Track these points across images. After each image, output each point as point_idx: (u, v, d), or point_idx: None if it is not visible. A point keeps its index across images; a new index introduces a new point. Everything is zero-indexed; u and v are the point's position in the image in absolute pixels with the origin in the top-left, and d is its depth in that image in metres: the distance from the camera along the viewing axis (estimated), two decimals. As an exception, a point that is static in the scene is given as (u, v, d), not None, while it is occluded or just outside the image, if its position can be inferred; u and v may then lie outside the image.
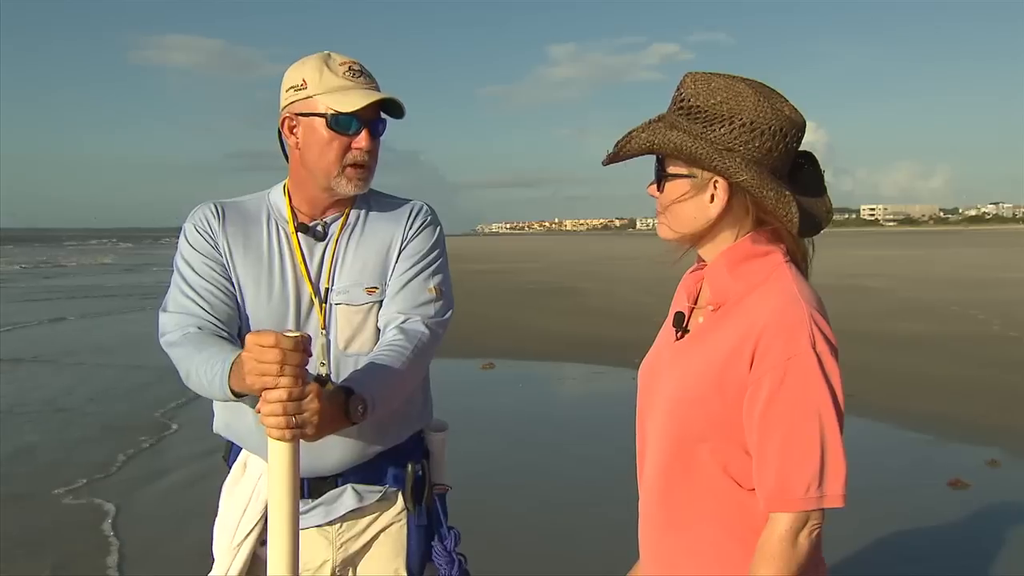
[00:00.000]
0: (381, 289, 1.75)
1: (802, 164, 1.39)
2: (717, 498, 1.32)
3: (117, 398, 7.64)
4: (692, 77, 1.33)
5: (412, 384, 1.72)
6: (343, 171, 1.70)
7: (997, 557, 3.90)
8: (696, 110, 1.31)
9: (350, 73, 1.69)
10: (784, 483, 1.23)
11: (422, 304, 1.74)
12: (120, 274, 28.83)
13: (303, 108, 1.69)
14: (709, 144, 1.29)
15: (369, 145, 1.70)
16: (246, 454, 1.78)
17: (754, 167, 1.29)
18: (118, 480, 5.18)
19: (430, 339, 1.71)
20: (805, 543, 1.23)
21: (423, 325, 1.71)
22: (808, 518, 1.23)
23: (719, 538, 1.32)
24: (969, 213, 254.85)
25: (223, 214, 1.76)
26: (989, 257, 30.26)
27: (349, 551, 1.79)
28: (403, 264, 1.76)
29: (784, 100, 1.33)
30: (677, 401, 1.35)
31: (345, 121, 1.67)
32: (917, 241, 57.71)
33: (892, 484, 4.86)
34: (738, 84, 1.31)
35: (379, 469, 1.77)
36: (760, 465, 1.26)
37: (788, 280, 1.31)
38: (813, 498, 1.22)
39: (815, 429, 1.22)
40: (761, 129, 1.29)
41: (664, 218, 1.39)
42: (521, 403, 7.50)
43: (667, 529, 1.39)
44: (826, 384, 1.23)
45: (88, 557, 3.98)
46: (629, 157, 1.37)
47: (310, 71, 1.69)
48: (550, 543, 4.06)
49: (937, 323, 11.57)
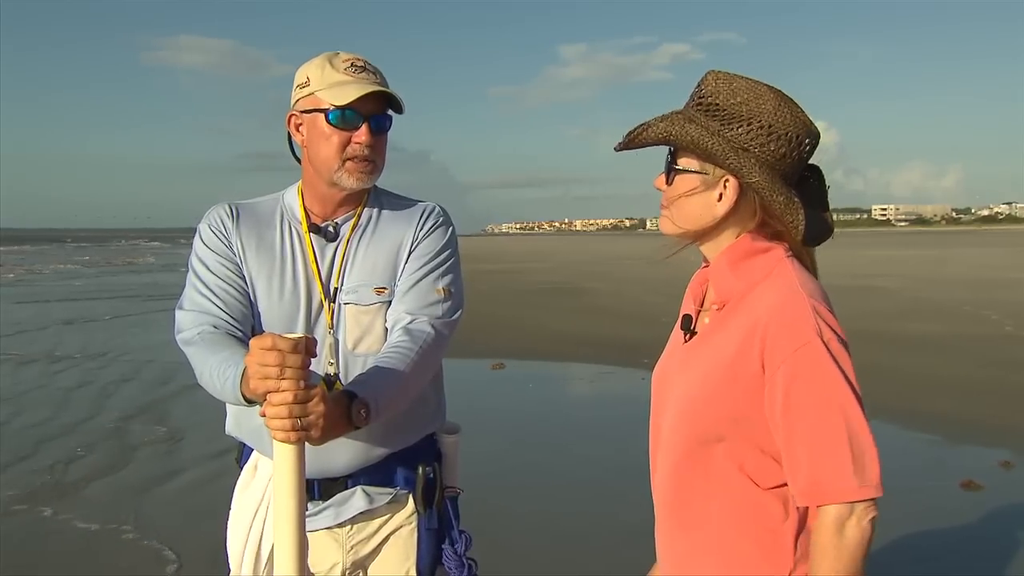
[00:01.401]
0: (390, 289, 1.75)
1: (808, 177, 1.39)
2: (732, 498, 1.31)
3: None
4: (715, 75, 1.34)
5: (418, 386, 1.71)
6: (343, 165, 1.70)
7: (1010, 559, 3.88)
8: (716, 108, 1.32)
9: (352, 69, 1.70)
10: (817, 476, 1.21)
11: (430, 304, 1.73)
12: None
13: (307, 105, 1.71)
14: (725, 142, 1.29)
15: (369, 139, 1.70)
16: (257, 455, 1.79)
17: (767, 170, 1.29)
18: (130, 478, 5.21)
19: (436, 340, 1.70)
20: (855, 533, 1.20)
21: (429, 326, 1.70)
22: (852, 509, 1.20)
23: (734, 538, 1.32)
24: (982, 213, 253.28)
25: (237, 215, 1.77)
26: (1002, 257, 30.05)
27: (359, 554, 1.79)
28: (412, 264, 1.76)
29: (802, 110, 1.33)
30: (689, 401, 1.35)
31: (346, 115, 1.67)
32: (929, 241, 57.40)
33: (904, 485, 4.83)
34: (760, 87, 1.32)
35: (390, 471, 1.77)
36: (790, 461, 1.25)
37: (790, 274, 1.31)
38: (852, 488, 1.20)
39: (839, 418, 1.21)
40: (779, 134, 1.29)
41: (668, 212, 1.39)
42: (531, 403, 7.50)
43: (682, 529, 1.39)
44: (838, 370, 1.22)
45: (100, 557, 4.01)
46: (644, 145, 1.37)
47: (314, 69, 1.71)
48: (560, 545, 4.05)
49: (949, 323, 11.50)
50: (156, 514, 4.60)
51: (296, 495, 1.40)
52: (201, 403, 6.81)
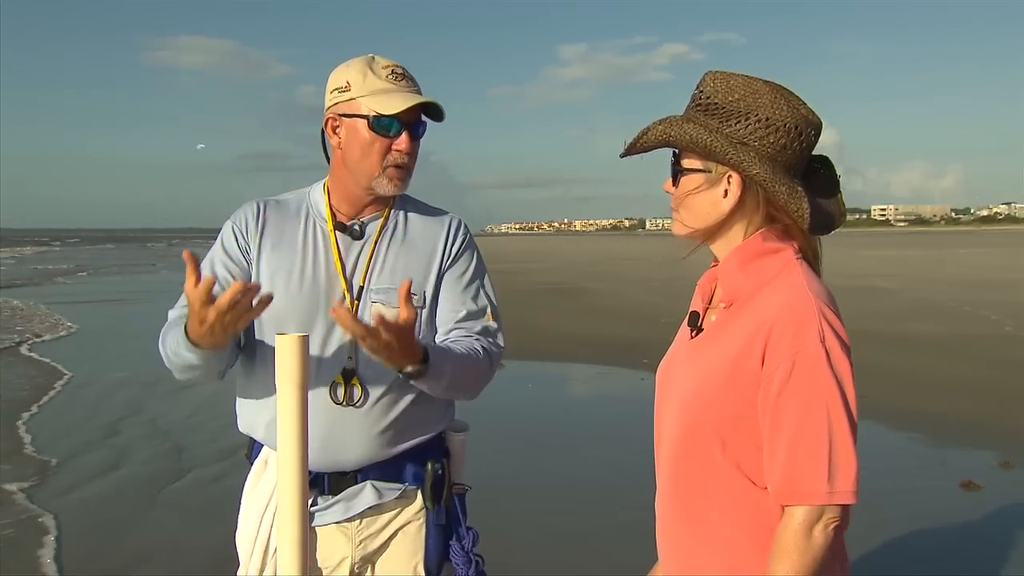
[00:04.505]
0: (419, 296, 1.78)
1: (818, 168, 1.40)
2: (730, 495, 1.32)
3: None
4: (713, 76, 1.36)
5: (468, 383, 1.77)
6: (384, 171, 1.74)
7: (1010, 559, 3.89)
8: (714, 107, 1.33)
9: (393, 76, 1.73)
10: (792, 476, 1.24)
11: (484, 332, 1.82)
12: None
13: (346, 110, 1.73)
14: (724, 138, 1.31)
15: (409, 147, 1.74)
16: (267, 451, 1.80)
17: (768, 162, 1.30)
18: (137, 476, 5.22)
19: (495, 357, 1.82)
20: (820, 538, 1.23)
21: (493, 346, 1.82)
22: (822, 512, 1.23)
23: (732, 535, 1.33)
24: (981, 213, 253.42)
25: (264, 213, 1.81)
26: (1001, 257, 30.07)
27: (368, 548, 1.80)
28: (455, 287, 1.83)
29: (801, 101, 1.35)
30: (690, 397, 1.36)
31: (387, 123, 1.70)
32: (928, 241, 57.42)
33: (903, 485, 4.85)
34: (756, 83, 1.33)
35: (399, 467, 1.79)
36: (770, 458, 1.27)
37: (799, 276, 1.32)
38: (822, 492, 1.22)
39: (823, 423, 1.22)
40: (776, 126, 1.31)
41: (678, 213, 1.41)
42: (530, 403, 7.50)
43: (681, 525, 1.40)
44: (834, 378, 1.23)
45: (109, 552, 4.01)
46: (646, 150, 1.39)
47: (354, 74, 1.73)
48: (560, 544, 4.06)
49: (949, 324, 11.51)
50: (157, 514, 4.61)
51: (299, 487, 1.42)
52: (202, 404, 6.82)
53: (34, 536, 4.23)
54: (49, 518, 4.46)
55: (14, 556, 3.99)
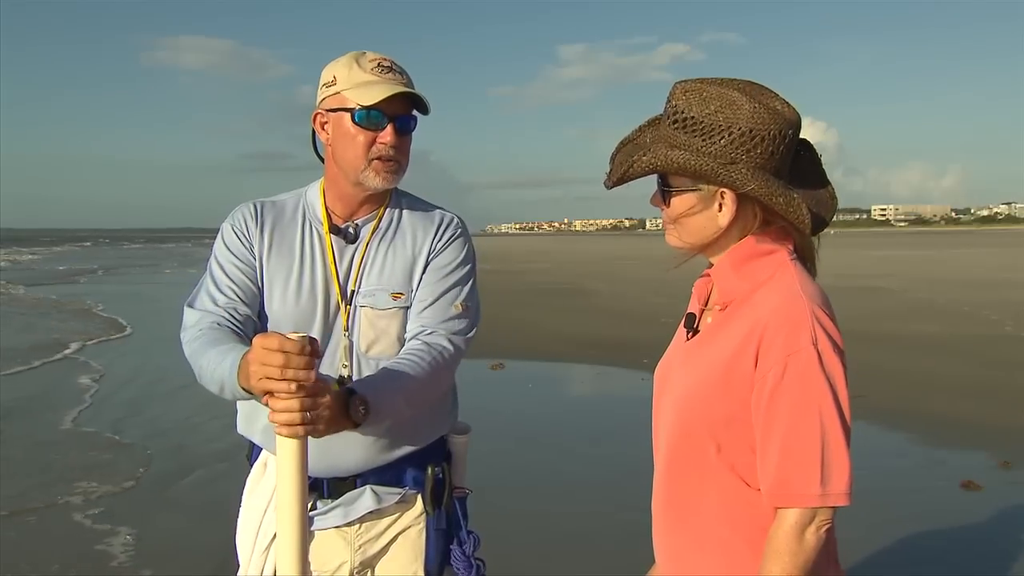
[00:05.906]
0: (407, 295, 1.76)
1: (799, 152, 1.38)
2: (724, 496, 1.33)
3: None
4: (682, 88, 1.33)
5: (427, 395, 1.72)
6: (370, 164, 1.71)
7: (1010, 559, 3.89)
8: (692, 121, 1.31)
9: (379, 69, 1.71)
10: (784, 478, 1.24)
11: (447, 320, 1.75)
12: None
13: (332, 104, 1.72)
14: (712, 159, 1.29)
15: (394, 140, 1.71)
16: (267, 454, 1.80)
17: (760, 174, 1.29)
18: (137, 476, 5.22)
19: (452, 354, 1.73)
20: (812, 540, 1.24)
21: (446, 339, 1.73)
22: (814, 515, 1.23)
23: (726, 536, 1.33)
24: (981, 213, 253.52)
25: (261, 214, 1.78)
26: (1001, 257, 30.07)
27: (367, 553, 1.80)
28: (430, 277, 1.77)
29: (775, 96, 1.32)
30: (685, 399, 1.36)
31: (371, 115, 1.68)
32: (928, 242, 57.42)
33: (904, 486, 4.85)
34: (730, 92, 1.30)
35: (399, 471, 1.78)
36: (762, 460, 1.27)
37: (792, 277, 1.32)
38: (815, 495, 1.22)
39: (815, 426, 1.22)
40: (761, 136, 1.29)
41: (674, 228, 1.40)
42: (531, 403, 7.50)
43: (676, 526, 1.40)
44: (826, 380, 1.23)
45: (109, 552, 4.00)
46: (634, 179, 1.37)
47: (341, 68, 1.72)
48: (559, 544, 4.06)
49: (949, 324, 11.51)
50: (158, 514, 4.61)
51: (298, 490, 1.40)
52: (202, 404, 6.82)
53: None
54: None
55: (14, 556, 3.98)
